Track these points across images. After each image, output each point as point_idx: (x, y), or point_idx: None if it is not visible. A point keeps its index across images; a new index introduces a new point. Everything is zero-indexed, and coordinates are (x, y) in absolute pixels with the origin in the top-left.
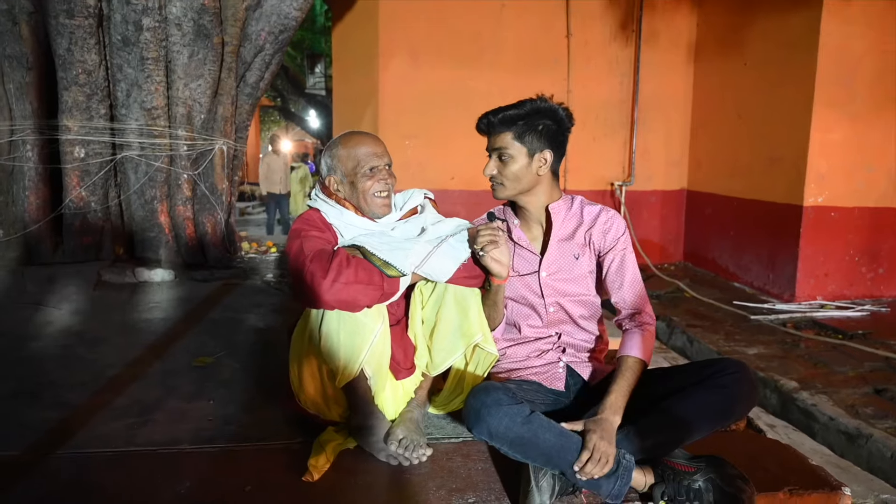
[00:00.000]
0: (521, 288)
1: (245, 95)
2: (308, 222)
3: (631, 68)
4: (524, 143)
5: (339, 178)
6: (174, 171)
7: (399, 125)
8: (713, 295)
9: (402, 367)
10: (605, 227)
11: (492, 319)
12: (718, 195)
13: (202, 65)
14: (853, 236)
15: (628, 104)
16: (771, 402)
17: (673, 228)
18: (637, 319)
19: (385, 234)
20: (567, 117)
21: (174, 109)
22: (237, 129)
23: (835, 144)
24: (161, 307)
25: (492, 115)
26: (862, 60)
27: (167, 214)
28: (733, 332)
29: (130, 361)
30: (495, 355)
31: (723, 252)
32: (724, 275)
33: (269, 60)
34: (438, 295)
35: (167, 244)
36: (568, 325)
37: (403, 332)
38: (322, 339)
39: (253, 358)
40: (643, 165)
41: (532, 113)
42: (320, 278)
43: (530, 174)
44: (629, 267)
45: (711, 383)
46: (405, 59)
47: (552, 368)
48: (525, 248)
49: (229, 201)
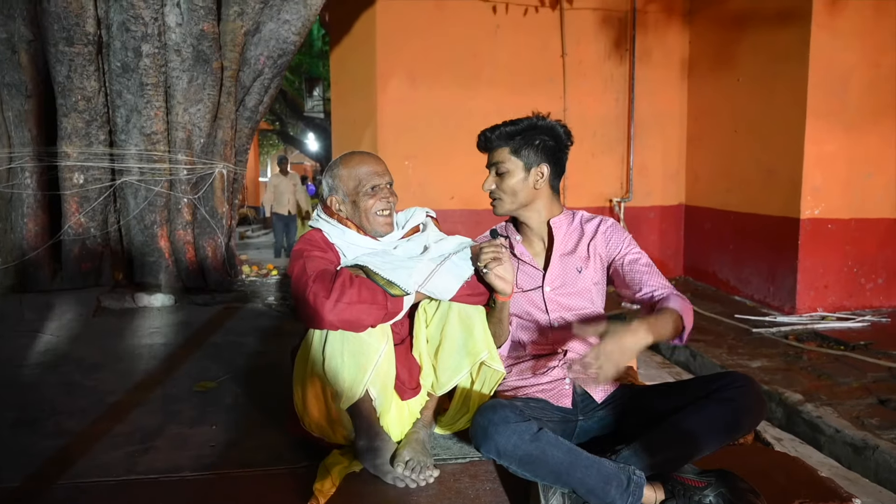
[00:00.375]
0: (525, 304)
1: (244, 119)
2: (310, 243)
3: (626, 85)
4: (521, 157)
5: (340, 197)
6: (174, 196)
7: (398, 146)
8: (714, 309)
9: (407, 386)
10: (607, 236)
11: (497, 337)
12: (716, 209)
13: (201, 89)
14: (851, 247)
15: (624, 121)
16: (776, 416)
17: (672, 243)
18: (663, 293)
19: (388, 252)
20: (565, 134)
21: (174, 134)
22: (237, 153)
23: (829, 156)
24: (161, 332)
25: (489, 131)
26: (852, 72)
27: (167, 239)
28: (736, 345)
29: (131, 388)
30: (502, 373)
31: (723, 266)
32: (724, 288)
33: (267, 84)
34: (442, 313)
35: (167, 269)
36: (574, 341)
37: (408, 352)
38: (326, 360)
39: (255, 381)
40: (641, 181)
41: (529, 129)
42: (323, 298)
43: (527, 188)
44: (642, 259)
45: (718, 397)
46: (403, 81)
47: (558, 385)
48: (528, 263)
49: (229, 225)
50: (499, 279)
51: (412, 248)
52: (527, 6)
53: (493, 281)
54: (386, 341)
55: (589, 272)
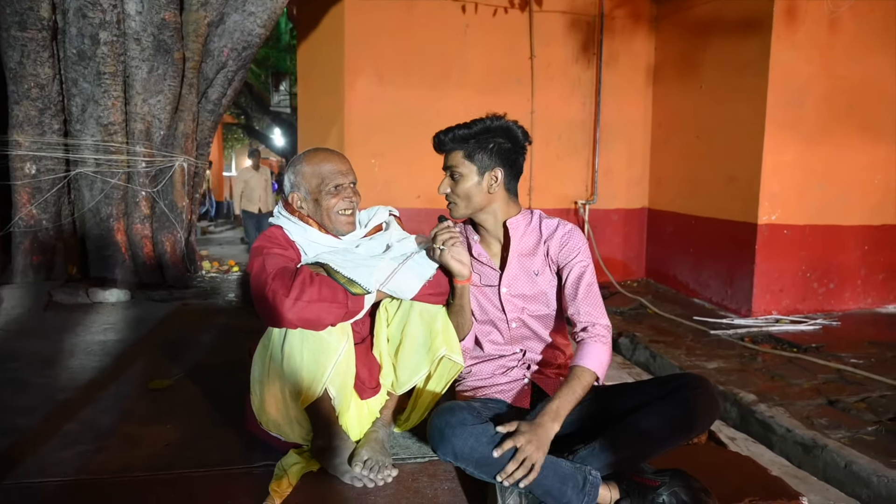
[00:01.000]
0: (484, 303)
1: (207, 112)
2: (270, 240)
3: (593, 90)
4: (474, 161)
5: (302, 195)
6: (132, 189)
7: (365, 144)
8: (675, 311)
9: (367, 386)
10: (562, 241)
11: (461, 328)
12: (678, 213)
13: (162, 80)
14: (805, 253)
15: (591, 124)
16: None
17: (635, 246)
18: (591, 331)
19: (349, 251)
20: (523, 135)
21: (132, 125)
22: (198, 146)
23: (786, 165)
24: (116, 328)
25: (443, 134)
26: (810, 83)
27: (124, 232)
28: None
29: (83, 385)
30: (461, 365)
31: (683, 269)
32: (684, 291)
33: (231, 77)
34: (404, 312)
35: (123, 263)
36: (532, 341)
37: (368, 351)
38: (284, 358)
39: (212, 379)
40: (606, 184)
41: (482, 132)
42: (283, 296)
43: (481, 192)
44: (585, 278)
45: (674, 398)
46: (371, 78)
47: (517, 386)
48: (485, 264)
49: (189, 219)
50: (455, 261)
51: (374, 247)
52: (496, 7)
53: (449, 262)
54: (346, 340)
55: (546, 277)
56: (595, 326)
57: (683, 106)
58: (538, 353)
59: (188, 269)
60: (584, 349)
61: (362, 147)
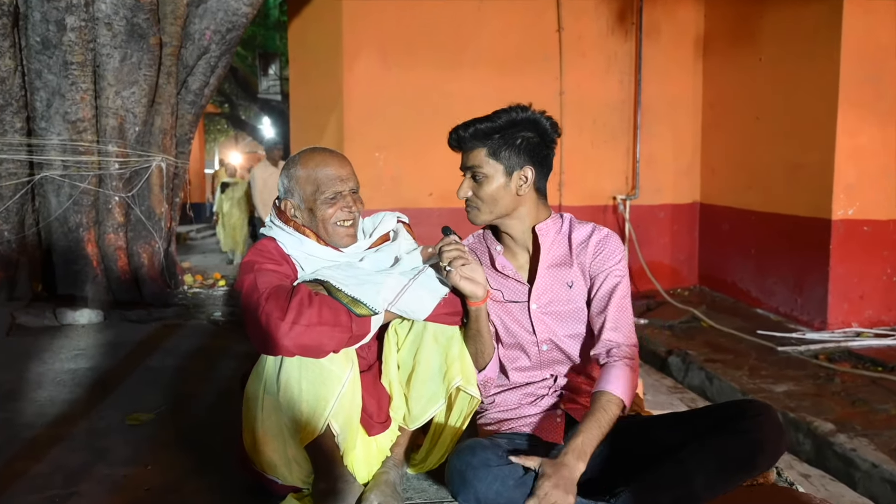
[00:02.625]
0: (510, 323)
1: (187, 104)
2: (262, 253)
3: (632, 66)
4: (500, 159)
5: (296, 202)
6: (103, 194)
7: (367, 135)
8: (734, 324)
9: (375, 420)
10: (597, 248)
11: (480, 356)
12: (735, 209)
13: (136, 69)
14: (890, 253)
15: (630, 106)
16: (804, 448)
17: (685, 248)
18: (617, 352)
19: (352, 265)
20: (552, 127)
21: (104, 121)
22: (178, 143)
23: (865, 149)
24: (88, 354)
25: (462, 129)
26: (890, 53)
27: (95, 244)
28: (758, 366)
29: (52, 420)
30: (477, 399)
31: (743, 274)
32: (745, 300)
33: (215, 63)
34: (416, 335)
35: (95, 279)
36: (563, 365)
37: (376, 380)
38: (281, 389)
39: (199, 413)
40: (649, 176)
41: (508, 125)
42: (278, 320)
43: (509, 195)
44: (618, 291)
45: (733, 429)
46: (374, 59)
47: (549, 418)
48: (511, 277)
49: (169, 227)
50: (467, 280)
51: (381, 260)
52: None
53: (459, 283)
54: (350, 368)
55: (580, 289)
56: (622, 347)
57: (739, 82)
58: (572, 379)
59: (168, 285)
60: (610, 373)
61: (364, 138)
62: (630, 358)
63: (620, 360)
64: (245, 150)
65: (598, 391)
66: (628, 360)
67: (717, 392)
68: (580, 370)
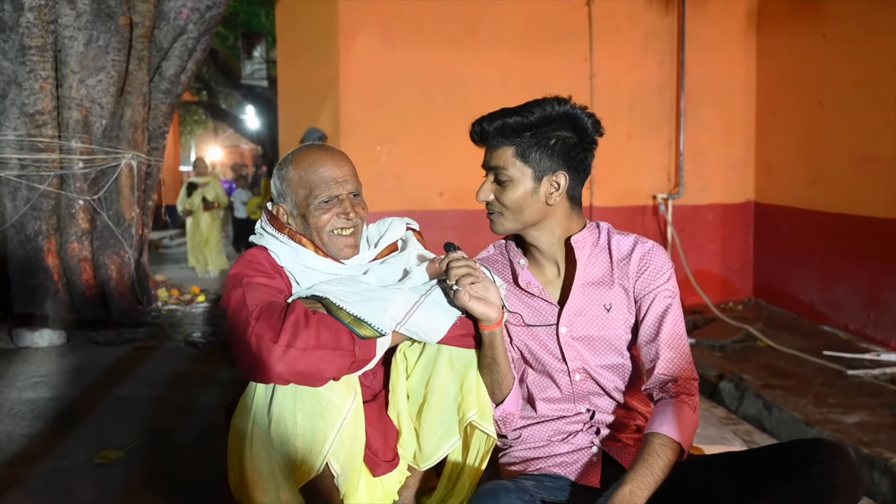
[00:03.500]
0: (536, 349)
1: (161, 93)
2: (252, 265)
3: (674, 43)
4: (529, 162)
5: (288, 207)
6: (66, 197)
7: (367, 125)
8: (796, 343)
9: (380, 458)
10: (641, 265)
11: (496, 387)
12: (797, 209)
13: (103, 54)
14: None
15: (672, 90)
16: (880, 489)
17: (738, 255)
18: (674, 387)
19: (355, 280)
20: (593, 126)
21: (66, 114)
22: (151, 138)
23: None
24: (49, 382)
25: (487, 122)
26: None
27: (56, 255)
28: (825, 393)
29: (9, 459)
30: (493, 437)
31: (806, 285)
32: (809, 315)
33: (192, 45)
34: (428, 360)
35: (56, 295)
36: (601, 397)
37: (382, 412)
38: (272, 423)
39: (177, 450)
40: (695, 172)
41: (541, 122)
42: (270, 342)
43: (537, 203)
44: (670, 315)
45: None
46: (375, 38)
47: (583, 457)
48: (537, 296)
49: (140, 234)
50: (478, 301)
51: (388, 273)
52: None
53: (469, 304)
54: (353, 398)
55: (620, 313)
56: (679, 382)
57: (800, 62)
58: (610, 412)
59: (140, 301)
60: (665, 412)
61: (364, 130)
62: (689, 394)
63: (677, 397)
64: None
65: (651, 432)
66: (686, 396)
67: (776, 423)
68: (622, 403)
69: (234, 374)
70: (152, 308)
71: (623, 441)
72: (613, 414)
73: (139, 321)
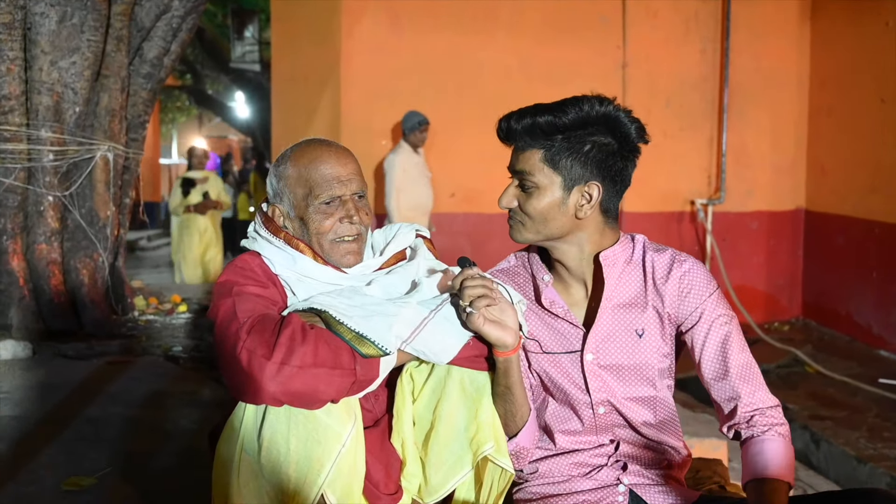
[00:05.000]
0: (556, 375)
1: (141, 77)
2: (244, 272)
3: (718, 29)
4: (559, 169)
5: (285, 209)
6: (34, 192)
7: (371, 117)
8: (848, 369)
9: (381, 491)
10: (681, 287)
11: (511, 419)
12: (853, 218)
13: (78, 33)
14: None
15: (715, 83)
16: None
17: (785, 269)
18: (760, 421)
19: (358, 291)
20: (637, 133)
21: (35, 99)
22: (129, 128)
23: None
24: (12, 399)
25: (515, 119)
26: None
27: (22, 256)
28: (880, 426)
29: None
30: (511, 472)
31: (861, 304)
32: (863, 338)
33: (177, 25)
34: (437, 383)
35: (22, 302)
36: (627, 429)
37: (385, 439)
38: (263, 449)
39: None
40: (738, 175)
41: (577, 124)
42: (262, 358)
43: (564, 216)
44: (734, 347)
45: None
46: (381, 20)
47: (608, 495)
48: (561, 317)
49: (116, 235)
50: (493, 325)
51: (394, 285)
52: None
53: (483, 328)
54: (352, 423)
55: (653, 340)
56: (766, 413)
57: (860, 53)
58: (638, 446)
59: (114, 310)
60: (764, 451)
61: (367, 122)
62: (779, 423)
63: (770, 430)
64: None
65: (757, 479)
66: (778, 426)
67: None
68: (651, 435)
69: (218, 394)
70: (128, 318)
71: (650, 478)
72: (642, 447)
73: (113, 332)
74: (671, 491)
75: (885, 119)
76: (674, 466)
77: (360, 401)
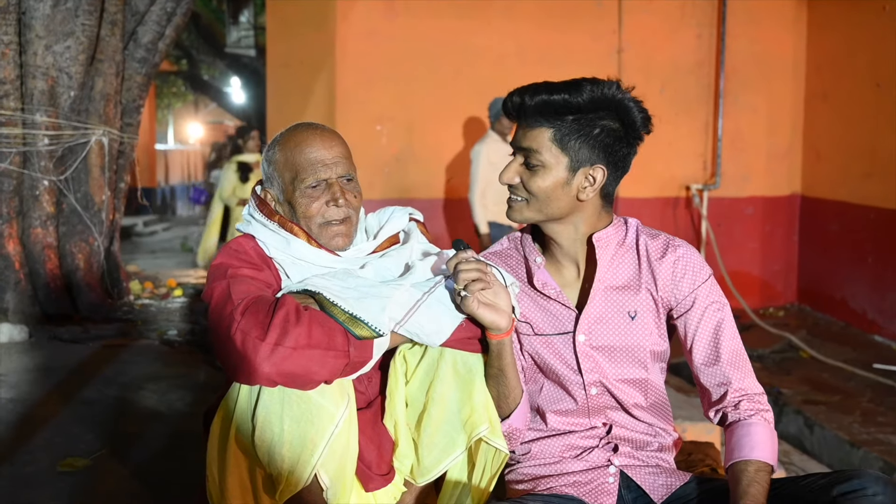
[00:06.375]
0: (550, 358)
1: (136, 61)
2: (238, 255)
3: (714, 15)
4: (567, 149)
5: (275, 193)
6: (29, 177)
7: (366, 102)
8: (843, 354)
9: (374, 471)
10: (675, 271)
11: (503, 400)
12: (848, 203)
13: (72, 17)
14: None
15: (711, 68)
16: None
17: (780, 254)
18: (747, 406)
19: (352, 274)
20: (643, 121)
21: (30, 84)
22: (124, 112)
23: None
24: (9, 382)
25: (529, 94)
26: None
27: (18, 241)
28: (874, 410)
29: None
30: (506, 453)
31: (856, 289)
32: (858, 323)
33: (172, 9)
34: (431, 365)
35: (17, 286)
36: (618, 412)
37: (377, 421)
38: (257, 429)
39: (148, 458)
40: (734, 160)
41: (590, 106)
42: (256, 339)
43: (567, 196)
44: (726, 334)
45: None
46: (376, 5)
47: (599, 476)
48: (553, 299)
49: (111, 220)
50: (487, 308)
51: (388, 268)
52: None
53: (477, 311)
54: (346, 404)
55: (646, 322)
56: (753, 398)
57: (856, 38)
58: (630, 428)
59: (109, 294)
60: (750, 435)
61: (362, 106)
62: (765, 410)
63: (756, 415)
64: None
65: (743, 460)
66: (764, 412)
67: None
68: (642, 417)
69: (212, 376)
70: (123, 302)
71: (640, 459)
72: (633, 429)
73: (109, 316)
74: (662, 472)
75: (880, 104)
76: (665, 449)
77: (353, 382)
